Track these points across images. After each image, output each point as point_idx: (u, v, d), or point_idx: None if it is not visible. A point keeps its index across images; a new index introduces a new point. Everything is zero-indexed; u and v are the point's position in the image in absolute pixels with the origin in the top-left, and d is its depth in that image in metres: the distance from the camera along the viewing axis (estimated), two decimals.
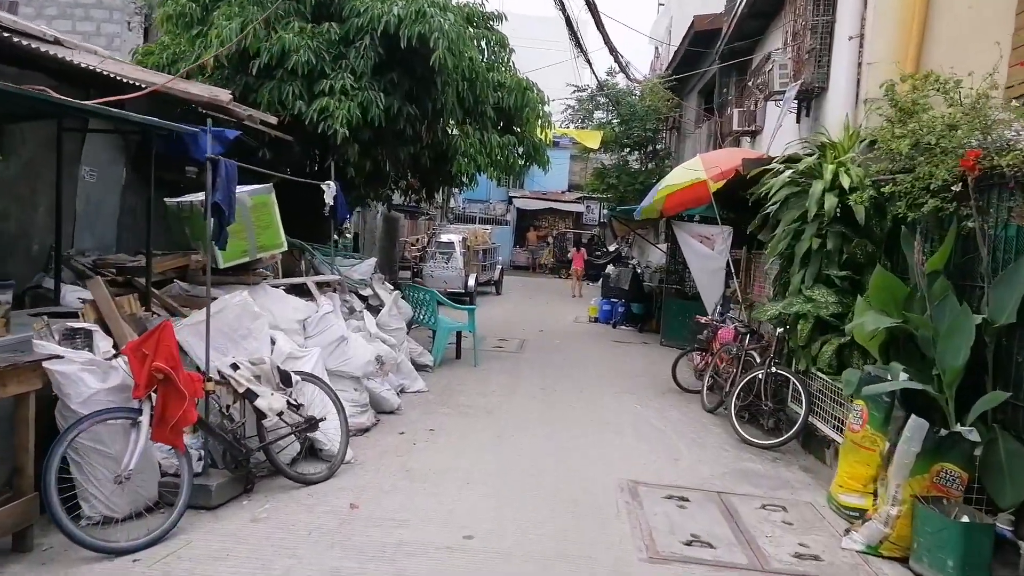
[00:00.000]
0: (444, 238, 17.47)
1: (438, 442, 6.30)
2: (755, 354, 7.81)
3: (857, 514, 5.08)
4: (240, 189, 6.08)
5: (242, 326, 5.22)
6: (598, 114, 22.71)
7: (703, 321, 9.67)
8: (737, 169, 8.69)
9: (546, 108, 10.36)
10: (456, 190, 33.47)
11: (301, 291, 7.10)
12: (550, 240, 34.04)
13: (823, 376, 6.48)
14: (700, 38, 16.92)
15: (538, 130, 10.40)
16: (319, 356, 5.76)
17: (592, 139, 18.79)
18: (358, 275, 8.59)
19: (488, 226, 22.70)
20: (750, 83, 14.58)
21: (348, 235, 13.46)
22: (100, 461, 4.23)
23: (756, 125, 13.45)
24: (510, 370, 9.73)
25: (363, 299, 8.39)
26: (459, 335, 10.12)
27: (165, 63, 8.16)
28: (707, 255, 12.27)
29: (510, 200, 35.09)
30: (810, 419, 6.66)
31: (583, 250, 28.70)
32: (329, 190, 7.34)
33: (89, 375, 4.25)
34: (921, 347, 5.14)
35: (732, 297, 11.60)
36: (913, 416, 4.53)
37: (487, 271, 20.18)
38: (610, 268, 28.84)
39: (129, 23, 13.91)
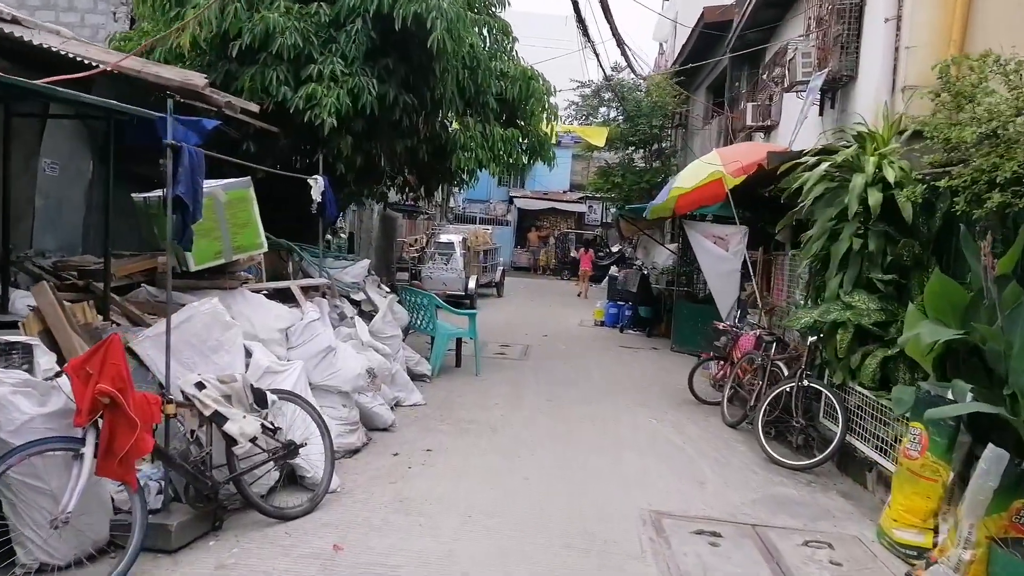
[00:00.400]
0: (443, 239, 16.83)
1: (436, 465, 5.65)
2: (782, 365, 7.16)
3: (916, 552, 4.44)
4: (213, 183, 5.44)
5: (212, 337, 4.58)
6: (603, 111, 22.05)
7: (721, 327, 9.02)
8: (760, 164, 8.05)
9: (552, 100, 9.70)
10: (456, 189, 32.88)
11: (286, 296, 6.46)
12: (551, 240, 33.38)
13: (863, 391, 5.84)
14: (710, 30, 16.29)
15: (544, 123, 9.75)
16: (302, 370, 5.11)
17: (598, 136, 18.15)
18: (350, 278, 7.95)
19: (489, 226, 22.07)
20: (764, 76, 13.95)
21: (343, 235, 12.82)
22: (36, 500, 3.58)
23: (771, 120, 12.82)
24: (514, 379, 9.09)
25: (355, 304, 7.75)
26: (459, 342, 9.47)
27: (145, 50, 7.51)
28: (721, 256, 11.63)
29: (511, 200, 34.46)
30: (847, 438, 6.02)
31: (590, 251, 28.17)
32: (316, 185, 6.70)
33: (23, 398, 3.60)
34: (988, 362, 4.50)
35: (748, 301, 10.98)
36: (991, 446, 3.88)
37: (488, 273, 19.53)
38: (613, 269, 28.24)
39: (115, 13, 13.27)
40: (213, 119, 6.75)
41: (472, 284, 16.53)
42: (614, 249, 32.92)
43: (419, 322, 9.20)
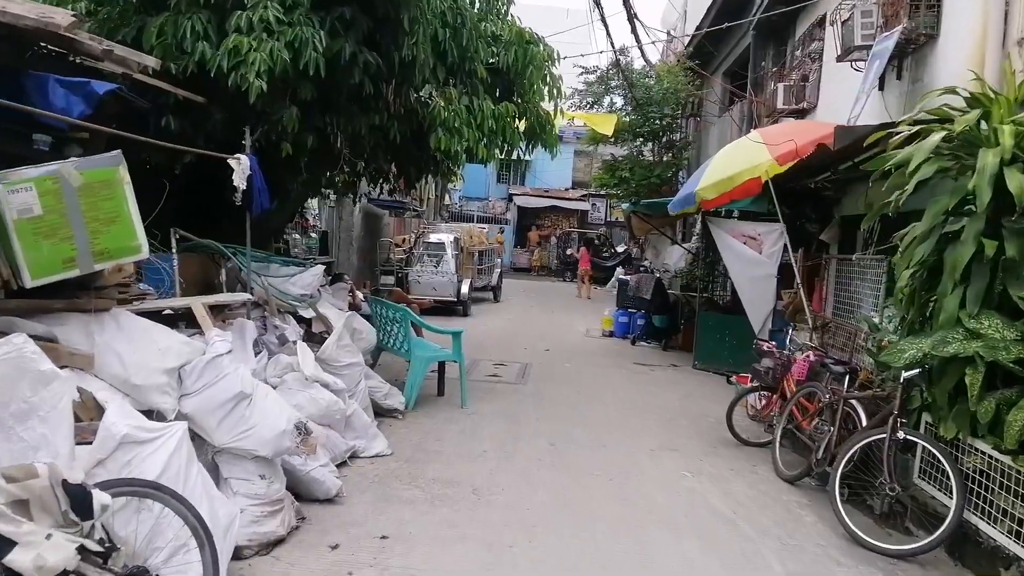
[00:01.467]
0: (433, 238, 15.12)
1: (391, 567, 3.95)
2: (857, 406, 5.44)
3: None
4: (62, 163, 3.76)
5: (15, 398, 2.88)
6: (609, 100, 20.32)
7: (764, 348, 7.30)
8: (822, 143, 6.33)
9: (555, 69, 8.00)
10: (445, 181, 31.18)
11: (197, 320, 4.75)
12: (553, 239, 31.66)
13: (995, 455, 4.14)
14: (729, 8, 14.58)
15: (545, 98, 8.06)
16: (182, 438, 3.42)
17: (605, 124, 16.43)
18: (298, 289, 6.24)
19: (485, 225, 20.34)
20: (798, 52, 12.25)
21: (313, 234, 11.14)
22: None
23: (806, 102, 11.14)
24: (507, 412, 7.37)
25: (304, 323, 6.05)
26: (442, 365, 7.77)
27: None
28: (753, 259, 9.95)
29: (510, 198, 32.76)
30: (965, 514, 4.33)
31: (589, 249, 26.48)
32: (239, 167, 4.98)
33: None
34: None
35: (788, 313, 9.30)
36: None
37: (484, 275, 17.83)
38: (620, 272, 26.51)
39: None
40: (109, 82, 5.15)
41: (465, 289, 14.84)
42: (619, 249, 31.23)
43: (391, 342, 7.50)
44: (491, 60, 7.45)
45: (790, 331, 8.05)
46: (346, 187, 9.46)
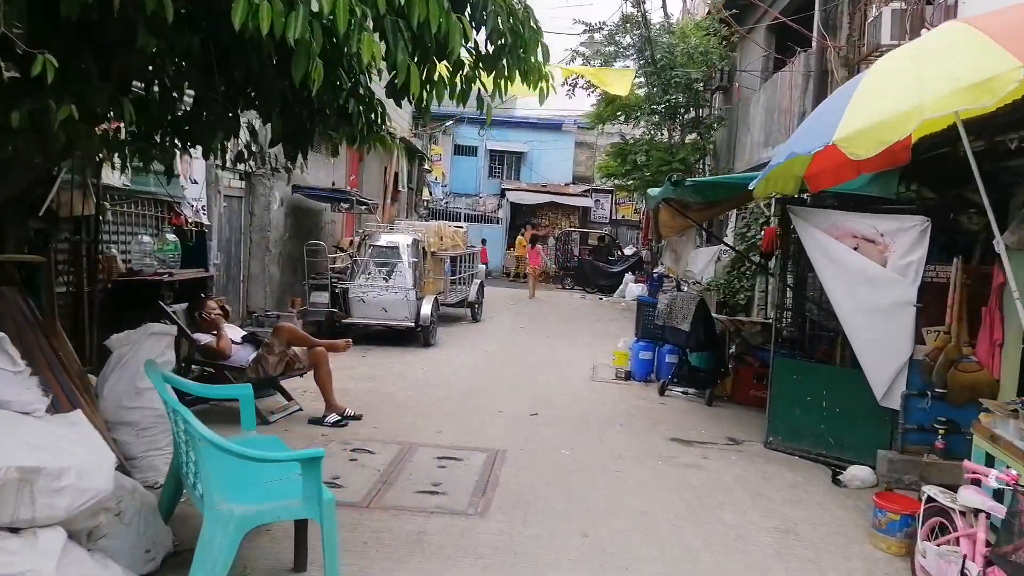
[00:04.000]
0: (384, 241, 11.11)
1: None
2: None
3: None
4: None
5: None
6: (620, 65, 16.29)
7: (972, 475, 3.30)
8: None
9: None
10: (431, 176, 27.23)
11: None
12: (552, 240, 27.65)
13: None
14: None
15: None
16: None
17: (618, 81, 12.41)
18: None
19: (463, 223, 16.23)
20: None
21: (171, 235, 7.16)
22: None
23: (930, 24, 7.25)
24: None
25: None
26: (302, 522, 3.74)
27: None
28: (871, 275, 6.07)
29: (503, 193, 28.79)
30: None
31: (539, 247, 22.80)
32: None
33: None
34: None
35: (939, 363, 5.46)
36: None
37: (458, 289, 13.86)
38: (630, 279, 22.51)
39: None
40: None
41: (427, 309, 10.85)
42: (627, 252, 27.24)
43: (188, 475, 3.50)
44: None
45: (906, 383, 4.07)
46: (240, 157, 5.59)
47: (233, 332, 6.79)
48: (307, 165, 7.42)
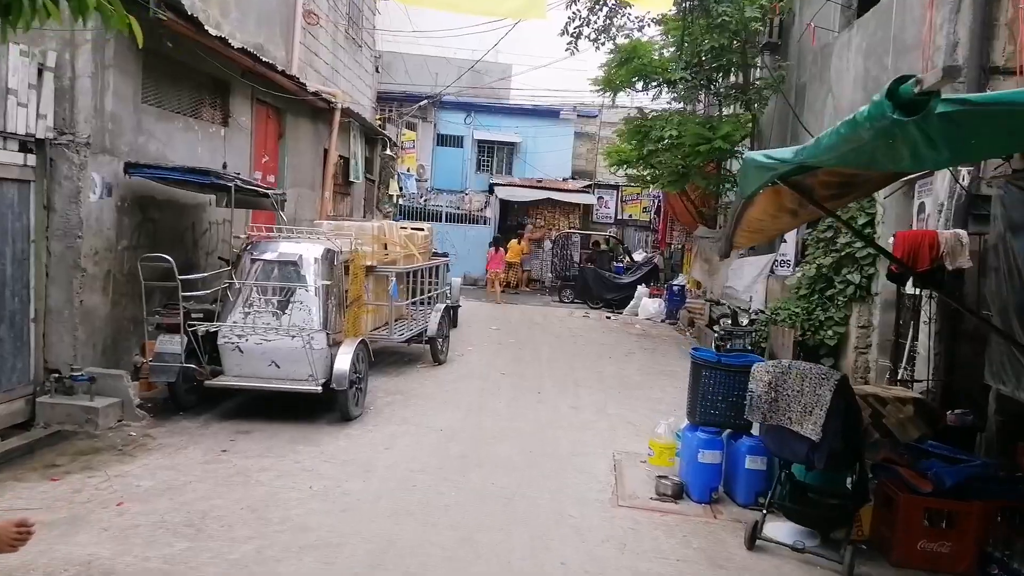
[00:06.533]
0: (276, 253, 6.93)
1: None
2: None
3: None
4: None
5: None
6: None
7: None
8: None
9: None
10: (403, 167, 22.97)
11: None
12: (548, 244, 23.51)
13: None
14: None
15: None
16: None
17: None
18: None
19: (424, 223, 11.92)
20: None
21: None
22: None
23: None
24: None
25: None
26: None
27: None
28: None
29: (491, 189, 24.66)
30: None
31: (502, 251, 19.85)
32: None
33: None
34: None
35: None
36: None
37: (414, 318, 9.74)
38: (643, 292, 18.32)
39: None
40: None
41: (345, 363, 6.68)
42: (637, 258, 23.03)
43: None
44: None
45: None
46: None
47: None
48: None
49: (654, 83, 12.81)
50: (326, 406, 6.96)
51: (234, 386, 6.75)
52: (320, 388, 6.63)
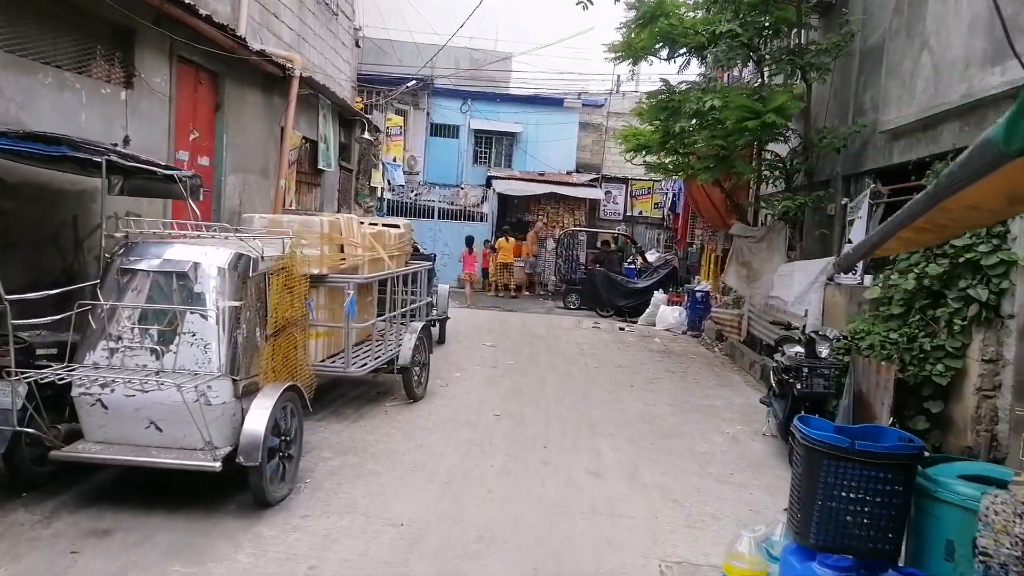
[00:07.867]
0: (164, 258, 4.74)
1: None
2: None
3: None
4: None
5: None
6: None
7: None
8: None
9: None
10: (390, 157, 20.66)
11: None
12: (551, 243, 21.27)
13: None
14: None
15: None
16: None
17: None
18: None
19: (400, 219, 9.69)
20: None
21: None
22: None
23: None
24: None
25: None
26: None
27: None
28: None
29: (489, 182, 22.42)
30: None
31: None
32: None
33: None
34: None
35: None
36: None
37: (384, 340, 7.52)
38: (660, 299, 16.09)
39: None
40: None
41: (259, 424, 4.46)
42: (651, 259, 20.74)
43: None
44: None
45: None
46: None
47: None
48: None
49: (682, 51, 10.57)
50: (238, 481, 4.74)
51: (92, 460, 4.51)
52: (218, 464, 4.39)
